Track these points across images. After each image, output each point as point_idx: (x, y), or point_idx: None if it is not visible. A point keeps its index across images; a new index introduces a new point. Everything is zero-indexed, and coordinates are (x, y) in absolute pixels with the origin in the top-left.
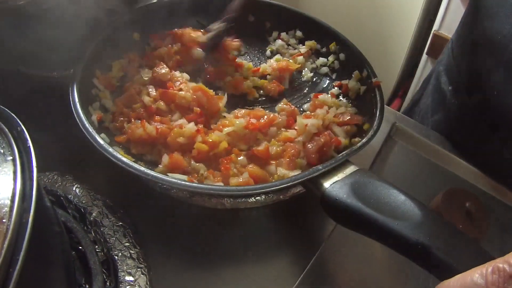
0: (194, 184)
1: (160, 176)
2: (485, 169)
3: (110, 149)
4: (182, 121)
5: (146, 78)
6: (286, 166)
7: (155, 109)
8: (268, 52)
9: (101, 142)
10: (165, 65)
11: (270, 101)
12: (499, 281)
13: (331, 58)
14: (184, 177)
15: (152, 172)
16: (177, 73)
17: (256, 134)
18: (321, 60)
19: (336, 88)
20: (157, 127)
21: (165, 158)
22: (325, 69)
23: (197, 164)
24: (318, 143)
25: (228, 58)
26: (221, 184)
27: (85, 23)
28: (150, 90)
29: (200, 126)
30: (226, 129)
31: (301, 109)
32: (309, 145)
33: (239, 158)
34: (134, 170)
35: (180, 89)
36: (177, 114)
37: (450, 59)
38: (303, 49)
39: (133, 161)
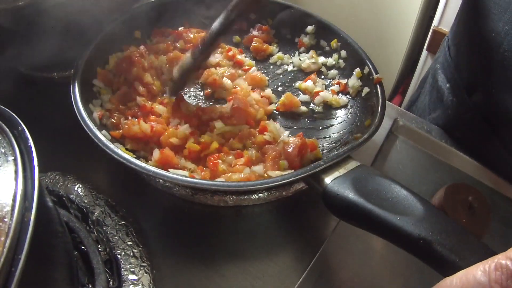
0: (195, 180)
1: (162, 172)
2: (486, 164)
3: (112, 146)
4: (177, 121)
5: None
6: (271, 168)
7: (150, 109)
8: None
9: (103, 138)
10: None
11: None
12: (502, 278)
13: (335, 56)
14: (186, 173)
15: (153, 168)
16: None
17: (250, 131)
18: (330, 61)
19: (336, 85)
20: (152, 126)
21: (156, 153)
22: (334, 73)
23: (186, 161)
24: (296, 145)
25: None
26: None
27: (85, 23)
28: (138, 87)
29: (193, 128)
30: (218, 127)
31: None
32: (288, 148)
33: (229, 157)
34: (136, 166)
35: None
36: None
37: (447, 57)
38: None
39: (135, 158)
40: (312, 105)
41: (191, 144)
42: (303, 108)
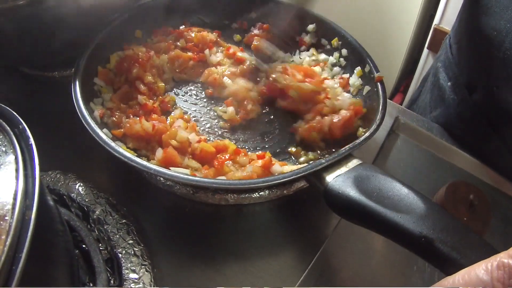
0: (196, 178)
1: (163, 170)
2: (487, 162)
3: (113, 144)
4: (180, 122)
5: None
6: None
7: (151, 107)
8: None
9: (104, 137)
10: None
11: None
12: (504, 277)
13: (336, 55)
14: (187, 171)
15: (154, 166)
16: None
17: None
18: (331, 59)
19: (340, 80)
20: (154, 124)
21: (159, 153)
22: (337, 70)
23: (190, 160)
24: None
25: None
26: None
27: (86, 22)
28: (139, 86)
29: (203, 136)
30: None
31: None
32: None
33: (243, 158)
34: (137, 164)
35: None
36: (177, 113)
37: (448, 55)
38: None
39: (136, 156)
40: None
41: (204, 144)
42: None
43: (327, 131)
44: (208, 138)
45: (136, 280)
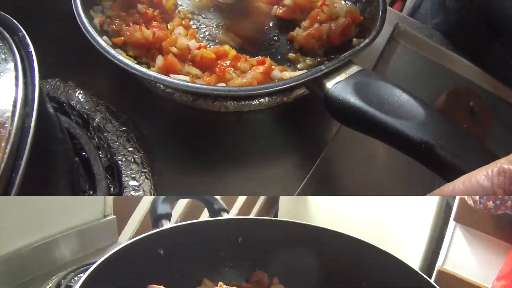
0: (196, 85)
1: (162, 77)
2: (488, 70)
3: (113, 51)
4: (180, 29)
5: None
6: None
7: (152, 16)
8: None
9: (103, 44)
10: None
11: None
12: (505, 182)
13: None
14: (187, 78)
15: (154, 73)
16: None
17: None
18: None
19: None
20: (154, 32)
21: (159, 60)
22: None
23: (191, 67)
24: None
25: None
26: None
27: None
28: None
29: (203, 43)
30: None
31: None
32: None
33: (244, 64)
34: (137, 71)
35: None
36: (176, 21)
37: None
38: None
39: (136, 63)
40: None
41: (204, 51)
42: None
43: (325, 38)
44: (208, 45)
45: (136, 188)
